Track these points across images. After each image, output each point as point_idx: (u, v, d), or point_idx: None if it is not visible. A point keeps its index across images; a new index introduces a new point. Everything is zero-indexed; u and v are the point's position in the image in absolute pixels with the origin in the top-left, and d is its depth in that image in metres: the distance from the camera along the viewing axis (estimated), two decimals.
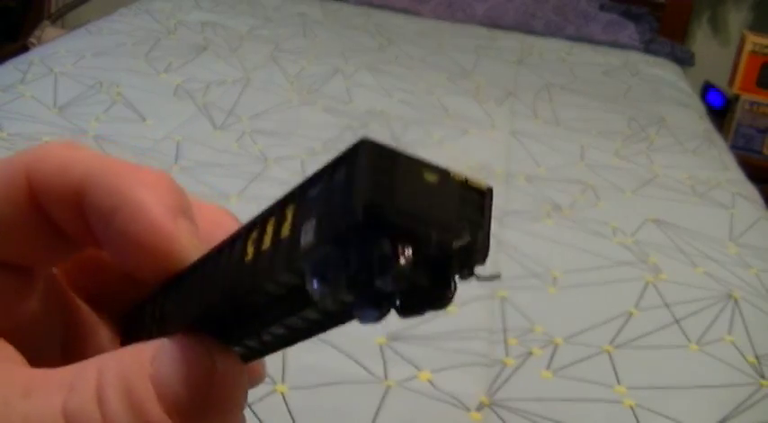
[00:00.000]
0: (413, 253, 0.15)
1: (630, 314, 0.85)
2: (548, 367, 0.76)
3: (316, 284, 0.15)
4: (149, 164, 1.05)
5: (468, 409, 0.68)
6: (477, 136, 1.28)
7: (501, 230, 0.99)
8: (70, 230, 0.20)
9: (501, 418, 0.68)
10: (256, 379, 0.21)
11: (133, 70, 1.35)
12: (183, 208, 0.19)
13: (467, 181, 0.16)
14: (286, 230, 0.16)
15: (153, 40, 1.51)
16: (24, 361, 0.19)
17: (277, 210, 0.16)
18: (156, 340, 0.18)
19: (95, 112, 1.18)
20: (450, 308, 0.82)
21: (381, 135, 1.22)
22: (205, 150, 1.10)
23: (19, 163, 0.20)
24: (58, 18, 2.17)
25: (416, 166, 0.15)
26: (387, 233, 0.14)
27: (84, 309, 0.23)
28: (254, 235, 0.17)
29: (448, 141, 1.24)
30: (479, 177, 0.15)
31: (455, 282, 0.16)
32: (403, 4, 2.06)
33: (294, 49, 1.59)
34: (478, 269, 0.16)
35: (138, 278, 0.20)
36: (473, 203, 0.16)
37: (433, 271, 0.15)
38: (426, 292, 0.15)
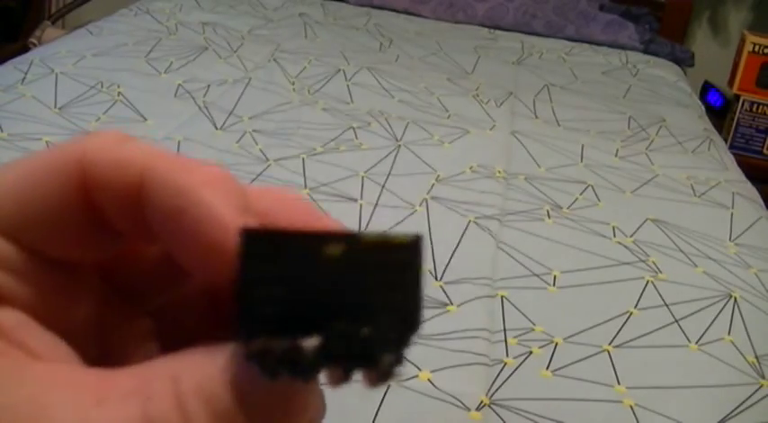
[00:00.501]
0: (320, 343, 0.14)
1: (630, 314, 0.86)
2: (547, 367, 0.76)
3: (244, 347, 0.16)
4: None
5: (468, 409, 0.68)
6: (477, 136, 1.28)
7: (501, 230, 0.99)
8: (122, 226, 0.19)
9: (501, 418, 0.69)
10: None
11: (134, 70, 1.35)
12: (247, 206, 0.19)
13: (384, 241, 0.14)
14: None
15: (153, 40, 1.52)
16: (80, 360, 0.19)
17: None
18: (230, 345, 0.18)
19: (96, 113, 1.18)
20: (450, 308, 0.82)
21: (381, 135, 1.22)
22: (206, 150, 1.10)
23: (71, 154, 0.19)
24: (58, 18, 2.17)
25: (313, 242, 0.14)
26: (295, 331, 0.14)
27: (117, 302, 0.22)
28: None
29: (448, 141, 1.24)
30: (402, 232, 0.14)
31: (392, 354, 0.14)
32: (403, 4, 2.07)
33: (295, 50, 1.59)
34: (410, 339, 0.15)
35: (200, 276, 0.19)
36: (396, 265, 0.14)
37: (357, 353, 0.14)
38: (351, 369, 0.15)
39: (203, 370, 0.17)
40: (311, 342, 0.14)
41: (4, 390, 0.17)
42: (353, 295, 0.14)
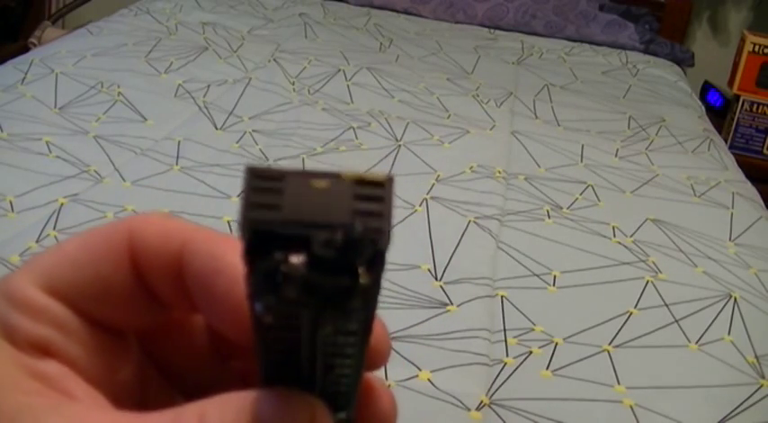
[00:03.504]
0: (307, 255, 0.16)
1: (630, 314, 0.86)
2: (547, 367, 0.76)
3: (257, 307, 0.17)
4: (150, 164, 1.05)
5: (468, 409, 0.68)
6: (477, 136, 1.28)
7: (501, 230, 0.99)
8: (166, 295, 0.22)
9: (501, 418, 0.69)
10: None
11: (134, 70, 1.35)
12: None
13: (362, 178, 0.17)
14: None
15: (154, 40, 1.52)
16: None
17: None
18: (253, 390, 0.20)
19: (96, 113, 1.18)
20: (450, 308, 0.82)
21: (381, 135, 1.22)
22: (206, 150, 1.10)
23: (123, 227, 0.21)
24: (58, 18, 2.17)
25: (303, 177, 0.17)
26: (279, 245, 0.16)
27: (154, 373, 0.24)
28: None
29: (448, 141, 1.24)
30: (377, 171, 0.17)
31: (367, 269, 0.17)
32: (403, 4, 2.07)
33: (295, 50, 1.59)
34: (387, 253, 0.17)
35: (233, 338, 0.21)
36: (371, 196, 0.17)
37: (340, 265, 0.16)
38: (336, 285, 0.16)
39: (228, 407, 0.19)
40: (301, 257, 0.16)
41: (41, 421, 0.18)
42: (336, 218, 0.16)
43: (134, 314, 0.22)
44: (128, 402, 0.22)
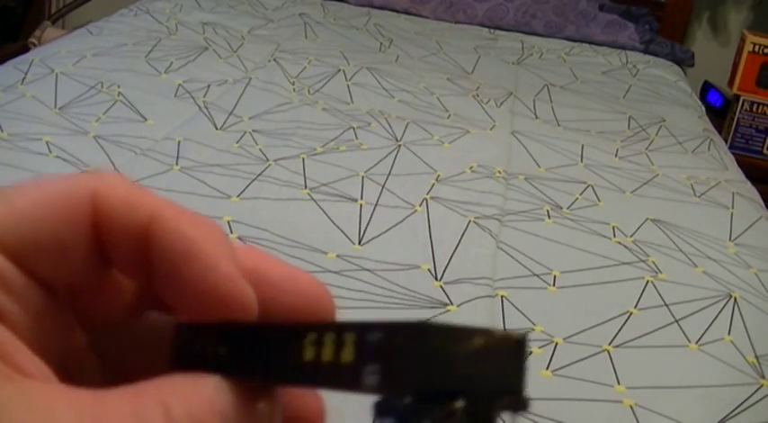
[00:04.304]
0: (464, 411, 0.18)
1: (630, 314, 0.86)
2: (547, 367, 0.76)
3: (374, 417, 0.18)
4: (150, 164, 1.05)
5: None
6: (477, 136, 1.28)
7: (501, 230, 0.99)
8: (122, 263, 0.21)
9: (501, 418, 0.69)
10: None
11: (134, 70, 1.35)
12: (238, 262, 0.21)
13: (505, 336, 0.18)
14: (347, 357, 0.18)
15: (154, 40, 1.52)
16: (57, 381, 0.20)
17: (336, 329, 0.19)
18: (215, 377, 0.19)
19: (96, 113, 1.18)
20: (450, 308, 0.82)
21: (381, 135, 1.22)
22: (206, 150, 1.10)
23: (85, 189, 0.20)
24: (58, 18, 2.17)
25: (467, 335, 0.18)
26: (443, 398, 0.17)
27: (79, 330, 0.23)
28: (313, 338, 0.19)
29: (448, 141, 1.24)
30: (512, 331, 0.18)
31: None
32: (403, 4, 2.07)
33: (295, 50, 1.59)
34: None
35: (186, 315, 0.21)
36: (510, 355, 0.18)
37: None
38: None
39: (192, 399, 0.19)
40: (458, 404, 0.17)
41: (15, 417, 0.17)
42: (492, 382, 0.18)
43: (78, 274, 0.21)
44: (65, 372, 0.20)
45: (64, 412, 0.17)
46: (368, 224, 0.96)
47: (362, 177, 1.07)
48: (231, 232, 0.89)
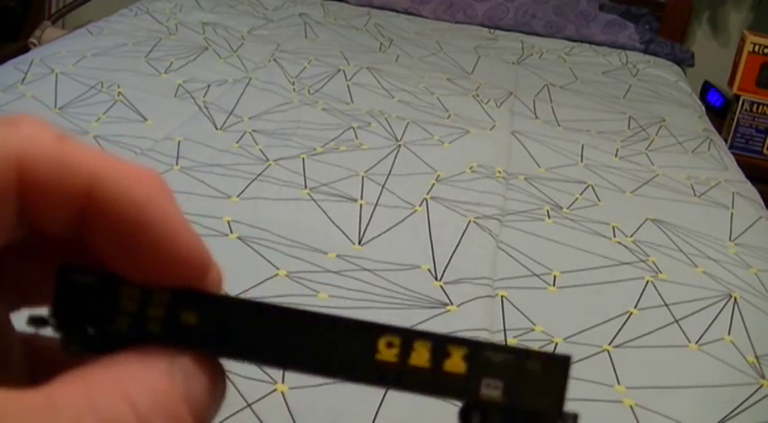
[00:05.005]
0: None
1: (630, 314, 0.86)
2: None
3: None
4: (150, 164, 1.05)
5: None
6: (477, 136, 1.28)
7: (501, 230, 0.99)
8: (52, 229, 0.18)
9: None
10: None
11: (134, 70, 1.35)
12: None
13: (553, 356, 0.21)
14: (457, 368, 0.20)
15: (154, 40, 1.52)
16: None
17: (434, 340, 0.20)
18: (172, 356, 0.18)
19: (96, 113, 1.18)
20: (450, 308, 0.82)
21: (381, 135, 1.22)
22: (206, 150, 1.10)
23: (9, 156, 0.17)
24: (58, 18, 2.17)
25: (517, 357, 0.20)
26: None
27: None
28: (390, 340, 0.20)
29: (448, 141, 1.24)
30: (561, 353, 0.21)
31: None
32: (403, 4, 2.07)
33: (295, 50, 1.59)
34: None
35: (139, 279, 0.19)
36: (557, 374, 0.21)
37: None
38: None
39: (155, 386, 0.17)
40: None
41: None
42: (557, 404, 0.21)
43: (6, 247, 0.18)
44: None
45: (19, 415, 0.15)
46: (368, 224, 0.96)
47: (362, 177, 1.07)
48: (231, 232, 0.90)
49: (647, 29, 2.06)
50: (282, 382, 0.68)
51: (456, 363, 0.20)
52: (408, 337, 0.20)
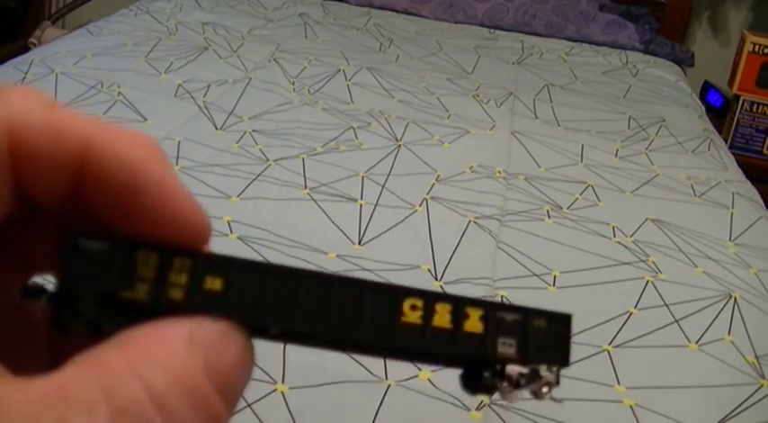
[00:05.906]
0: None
1: (630, 314, 0.86)
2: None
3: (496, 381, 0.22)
4: None
5: (468, 409, 0.68)
6: (477, 136, 1.28)
7: (501, 230, 0.99)
8: (48, 198, 0.18)
9: (501, 418, 0.69)
10: None
11: (134, 70, 1.35)
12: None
13: (556, 314, 0.23)
14: (474, 328, 0.21)
15: (154, 40, 1.52)
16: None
17: (453, 301, 0.21)
18: (192, 326, 0.17)
19: (96, 113, 1.18)
20: None
21: (381, 135, 1.22)
22: (206, 150, 1.10)
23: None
24: (58, 18, 2.17)
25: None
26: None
27: None
28: (413, 303, 0.20)
29: (448, 141, 1.24)
30: (560, 311, 0.22)
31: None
32: (403, 4, 2.07)
33: (295, 50, 1.59)
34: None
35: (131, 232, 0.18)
36: (561, 328, 0.23)
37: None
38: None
39: (172, 362, 0.16)
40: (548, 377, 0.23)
41: None
42: (556, 357, 0.24)
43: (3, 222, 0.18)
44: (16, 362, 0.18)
45: (23, 407, 0.15)
46: (368, 224, 0.96)
47: (362, 177, 1.07)
48: (231, 232, 0.90)
49: (647, 29, 2.06)
50: (282, 382, 0.68)
51: (474, 323, 0.21)
52: (430, 299, 0.20)
